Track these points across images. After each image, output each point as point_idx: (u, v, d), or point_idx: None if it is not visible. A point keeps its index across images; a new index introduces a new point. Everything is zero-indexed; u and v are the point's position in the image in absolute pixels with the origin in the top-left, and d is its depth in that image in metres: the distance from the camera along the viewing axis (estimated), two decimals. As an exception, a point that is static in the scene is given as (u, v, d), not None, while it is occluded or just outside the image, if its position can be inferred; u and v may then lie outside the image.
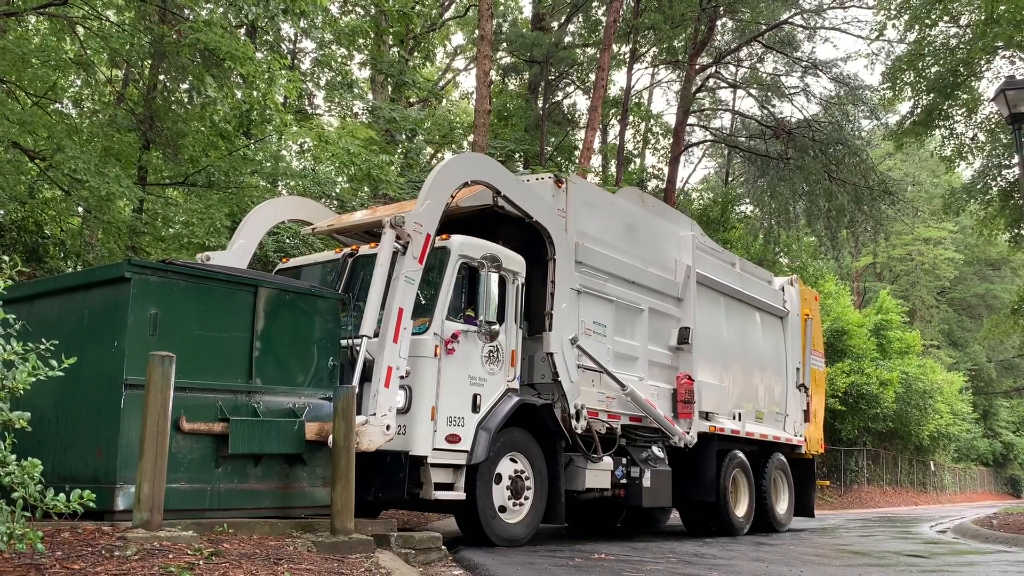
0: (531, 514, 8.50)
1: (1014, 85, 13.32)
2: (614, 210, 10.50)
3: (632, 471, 9.84)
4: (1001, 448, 55.80)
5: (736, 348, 12.31)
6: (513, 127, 24.47)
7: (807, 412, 13.86)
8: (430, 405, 7.65)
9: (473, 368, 8.10)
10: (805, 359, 13.96)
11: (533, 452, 8.56)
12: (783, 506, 13.15)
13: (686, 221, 12.30)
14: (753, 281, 13.20)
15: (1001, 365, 55.22)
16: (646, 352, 10.48)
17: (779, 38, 26.30)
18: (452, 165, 8.47)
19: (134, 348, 6.07)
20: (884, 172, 27.46)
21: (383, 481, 7.44)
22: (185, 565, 4.61)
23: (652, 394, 10.28)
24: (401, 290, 7.40)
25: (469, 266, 8.20)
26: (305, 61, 20.57)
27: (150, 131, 13.35)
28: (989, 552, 10.27)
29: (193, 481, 6.36)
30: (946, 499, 44.90)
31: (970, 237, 41.01)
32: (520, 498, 8.42)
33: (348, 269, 8.57)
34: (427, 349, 7.71)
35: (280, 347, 7.09)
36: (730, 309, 12.31)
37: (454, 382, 7.89)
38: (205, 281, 6.74)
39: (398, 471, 7.40)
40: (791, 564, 7.93)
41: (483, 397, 8.11)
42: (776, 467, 12.93)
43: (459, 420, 7.85)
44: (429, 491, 7.55)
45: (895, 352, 39.01)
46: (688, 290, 11.22)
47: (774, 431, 12.93)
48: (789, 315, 13.73)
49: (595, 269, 9.78)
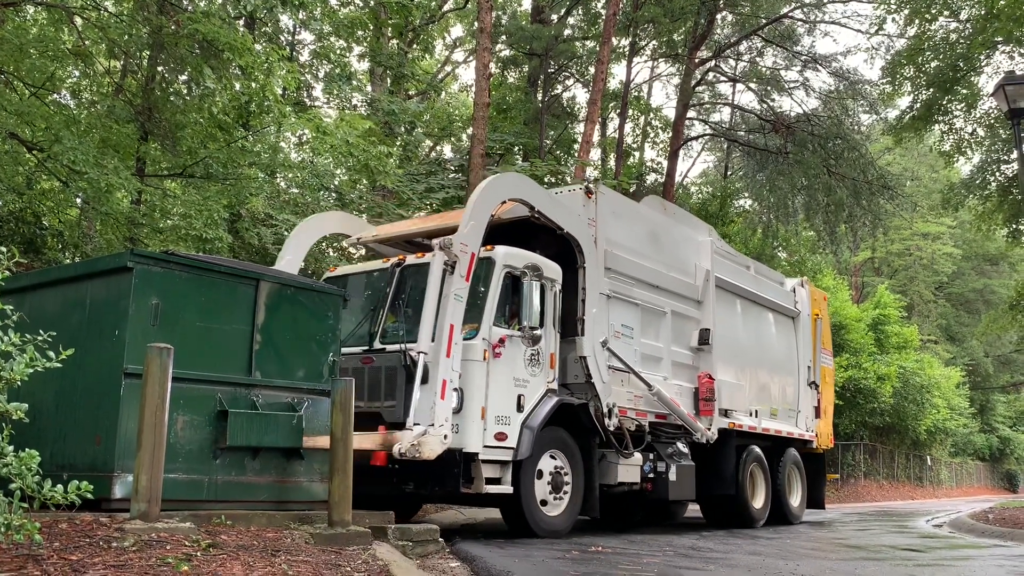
0: (570, 507, 9.00)
1: (1014, 80, 13.32)
2: (639, 218, 11.06)
3: (659, 466, 10.30)
4: (998, 443, 55.95)
5: (752, 348, 12.84)
6: (512, 120, 24.42)
7: (818, 408, 14.35)
8: (480, 406, 8.15)
9: (517, 370, 8.62)
10: (815, 357, 14.49)
11: (571, 449, 9.05)
12: (796, 499, 13.72)
13: (704, 227, 12.84)
14: (767, 283, 13.78)
15: (998, 360, 55.29)
16: (669, 353, 11.02)
17: (779, 32, 26.25)
18: (491, 186, 8.89)
19: (135, 338, 6.08)
20: (883, 167, 27.46)
21: (439, 477, 7.90)
22: (182, 556, 4.61)
23: (675, 393, 10.77)
24: (451, 307, 7.94)
25: (512, 275, 8.76)
26: (304, 53, 20.55)
27: (148, 122, 13.32)
28: (985, 546, 10.30)
29: (191, 472, 6.37)
30: (942, 494, 45.03)
31: (968, 232, 41.07)
32: (560, 492, 8.90)
33: (396, 278, 9.04)
34: (477, 354, 8.23)
35: (280, 341, 7.10)
36: (746, 311, 12.89)
37: (501, 384, 8.40)
38: (207, 273, 6.74)
39: (453, 467, 7.85)
40: (787, 558, 7.95)
41: (526, 397, 8.60)
42: (790, 461, 13.48)
43: (506, 419, 8.34)
44: (480, 485, 8.02)
45: (893, 347, 39.07)
46: (707, 293, 11.72)
47: (788, 427, 13.46)
48: (800, 315, 14.30)
49: (622, 275, 10.28)
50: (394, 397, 8.19)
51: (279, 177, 16.67)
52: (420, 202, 19.29)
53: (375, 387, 8.38)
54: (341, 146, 13.79)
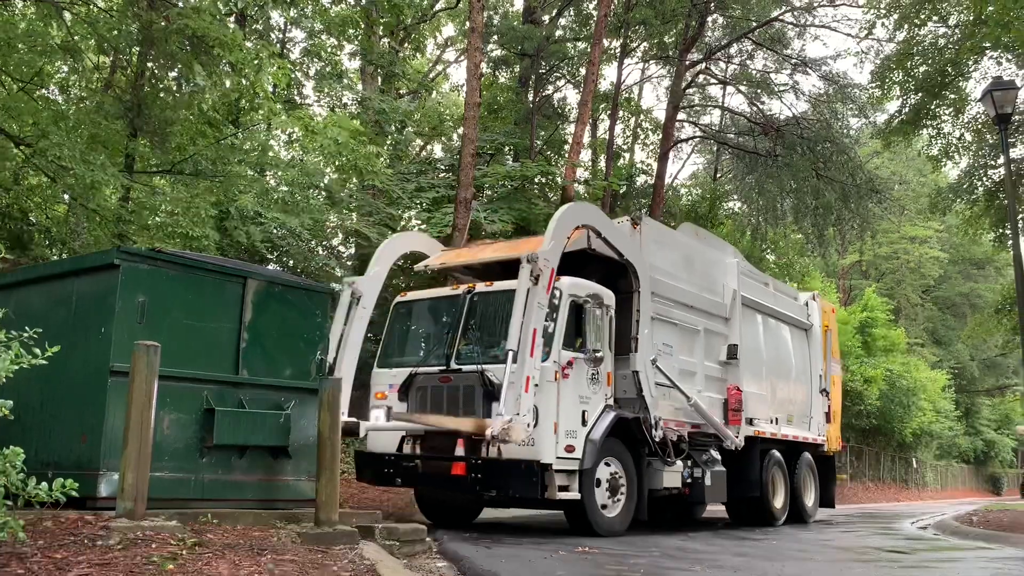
0: (624, 509, 9.80)
1: (1001, 86, 13.42)
2: (676, 245, 11.98)
3: (695, 472, 11.17)
4: (982, 446, 56.32)
5: (772, 360, 13.79)
6: (503, 120, 24.41)
7: (828, 414, 15.35)
8: (553, 421, 8.98)
9: (581, 389, 9.48)
10: (826, 366, 15.52)
11: (625, 458, 9.90)
12: (811, 499, 14.77)
13: (730, 248, 13.89)
14: (783, 299, 14.82)
15: (984, 364, 55.64)
16: (702, 367, 11.92)
17: (769, 35, 26.31)
18: (570, 211, 10.01)
19: (121, 335, 6.06)
20: (871, 170, 27.55)
21: (520, 484, 8.78)
22: (168, 555, 4.60)
23: (707, 404, 11.61)
24: (535, 314, 8.76)
25: (576, 303, 9.65)
26: (295, 50, 20.47)
27: (137, 119, 13.24)
28: (969, 548, 10.37)
29: (177, 471, 6.35)
30: (928, 496, 45.27)
31: (955, 236, 41.32)
32: (616, 496, 9.71)
33: (467, 304, 10.00)
34: (549, 375, 9.05)
35: (268, 339, 7.09)
36: (766, 325, 13.83)
37: (569, 401, 9.24)
38: (194, 270, 6.73)
39: (532, 476, 8.68)
40: (773, 559, 7.98)
41: (589, 413, 9.46)
42: (805, 464, 14.52)
43: (573, 433, 9.19)
44: (553, 492, 8.80)
45: (880, 350, 39.28)
46: (734, 311, 12.65)
47: (803, 432, 14.43)
48: (813, 327, 15.34)
49: (664, 298, 11.16)
50: (473, 412, 9.15)
51: (268, 175, 16.61)
52: (410, 201, 19.26)
53: (453, 403, 9.40)
54: (330, 145, 13.75)
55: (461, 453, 9.12)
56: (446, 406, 9.44)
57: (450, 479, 9.17)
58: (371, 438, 10.26)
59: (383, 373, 10.51)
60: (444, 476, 9.23)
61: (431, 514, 10.83)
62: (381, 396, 10.25)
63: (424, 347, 10.38)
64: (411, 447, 9.75)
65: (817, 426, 14.96)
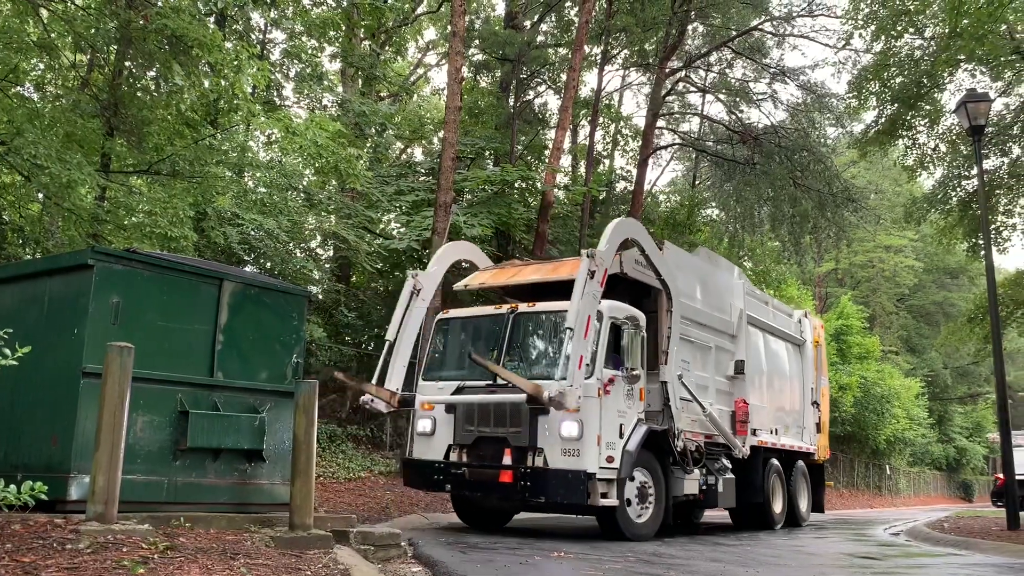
0: (653, 515, 10.52)
1: (975, 98, 13.60)
2: (693, 268, 12.81)
3: (709, 479, 11.98)
4: (954, 453, 56.91)
5: (772, 374, 14.79)
6: (484, 124, 24.43)
7: (818, 424, 16.54)
8: (596, 434, 9.61)
9: (620, 404, 10.16)
10: (817, 379, 16.62)
11: (653, 467, 10.62)
12: (804, 504, 15.86)
13: (735, 269, 14.81)
14: (780, 316, 15.79)
15: (956, 372, 56.27)
16: (713, 382, 12.85)
17: (749, 44, 26.51)
18: (623, 224, 10.90)
19: (94, 336, 6.00)
20: (848, 180, 27.80)
21: (567, 492, 9.45)
22: (139, 559, 4.55)
23: (717, 416, 12.43)
24: (589, 303, 9.57)
25: (615, 324, 10.41)
26: (275, 52, 20.35)
27: (114, 118, 13.12)
28: (940, 555, 10.48)
29: (150, 474, 6.29)
30: (900, 502, 45.69)
31: (930, 246, 41.79)
32: (646, 502, 10.45)
33: (511, 322, 10.64)
34: (593, 391, 9.72)
35: (244, 342, 7.04)
36: (767, 341, 14.77)
37: (609, 415, 9.90)
38: (170, 271, 6.68)
39: (579, 484, 9.34)
40: (747, 565, 8.03)
41: (625, 426, 10.14)
42: (799, 472, 15.59)
43: (612, 445, 9.84)
44: (596, 499, 9.41)
45: (854, 357, 39.62)
46: (741, 329, 13.67)
47: (797, 442, 15.46)
48: (805, 343, 16.41)
49: (684, 318, 11.87)
50: (519, 425, 9.87)
51: (247, 176, 16.50)
52: (390, 204, 19.21)
53: (500, 416, 10.05)
54: (310, 147, 13.69)
55: (508, 462, 9.83)
56: (493, 418, 10.11)
57: (498, 486, 9.83)
58: (418, 446, 10.92)
59: (429, 386, 11.08)
60: (492, 483, 9.90)
61: (466, 518, 11.57)
62: (428, 407, 10.81)
63: (469, 362, 10.73)
64: (457, 455, 10.36)
65: (809, 436, 16.00)
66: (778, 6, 25.87)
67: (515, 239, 21.86)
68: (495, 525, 11.51)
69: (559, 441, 9.62)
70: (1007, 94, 19.52)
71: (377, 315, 20.52)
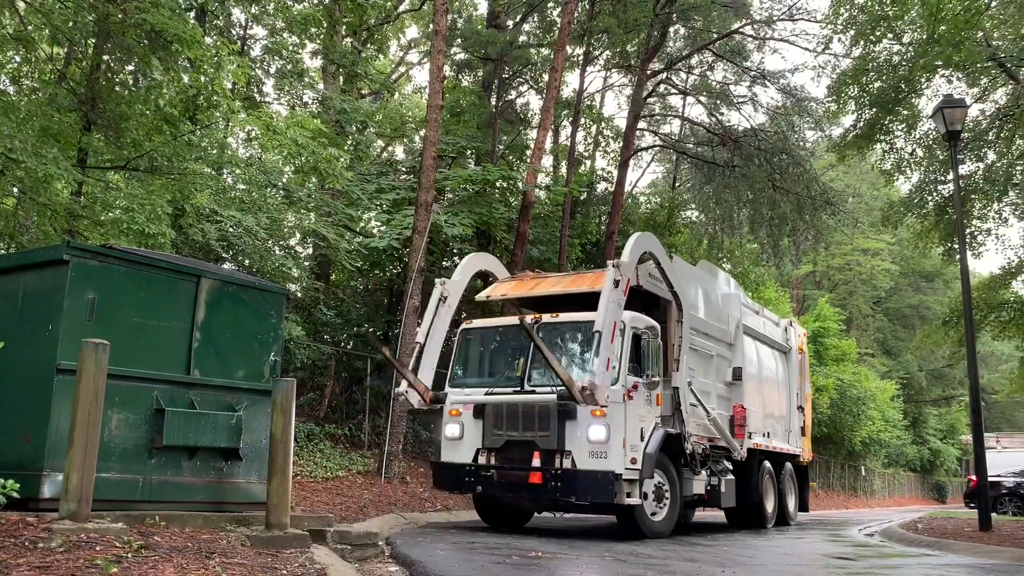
0: (668, 514, 11.18)
1: (951, 104, 13.75)
2: (696, 280, 13.50)
3: (713, 480, 12.64)
4: (929, 455, 57.54)
5: (764, 380, 15.57)
6: (466, 124, 24.38)
7: (803, 428, 17.44)
8: (622, 437, 10.25)
9: (641, 409, 10.80)
10: (801, 385, 17.61)
11: (668, 468, 11.28)
12: (792, 503, 16.70)
13: (732, 280, 15.56)
14: (770, 325, 16.65)
15: (931, 374, 56.90)
16: (714, 388, 13.56)
17: (729, 47, 26.64)
18: (643, 238, 11.55)
19: (69, 333, 5.94)
20: (826, 183, 28.00)
21: (595, 492, 10.10)
22: (112, 558, 4.51)
23: (719, 420, 13.07)
24: (614, 309, 10.32)
25: (636, 334, 11.08)
26: (255, 48, 20.22)
27: (92, 112, 12.97)
28: (913, 555, 10.59)
29: (125, 472, 6.24)
30: (875, 503, 46.13)
31: (906, 249, 42.16)
32: (662, 503, 11.12)
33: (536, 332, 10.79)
34: (619, 397, 10.40)
35: (221, 339, 6.99)
36: (759, 349, 15.56)
37: (632, 420, 10.52)
38: (147, 268, 6.62)
39: (607, 484, 10.00)
40: (724, 565, 8.07)
41: (645, 430, 10.75)
42: (788, 473, 16.43)
43: (635, 447, 10.44)
44: (622, 498, 10.10)
45: (831, 359, 39.97)
46: (738, 337, 14.48)
47: (785, 445, 16.27)
48: (791, 350, 17.30)
49: (690, 328, 12.53)
50: (547, 429, 10.50)
51: (226, 173, 16.38)
52: (370, 203, 19.14)
53: (529, 421, 10.69)
54: (290, 145, 13.61)
55: (537, 464, 10.47)
56: (521, 423, 10.75)
57: (528, 486, 10.49)
58: (446, 450, 11.56)
59: (456, 392, 11.65)
60: (521, 484, 10.54)
61: (488, 519, 12.19)
62: (455, 413, 11.46)
63: (496, 370, 11.67)
64: (485, 459, 11.03)
65: (795, 439, 16.88)
66: (759, 10, 26.03)
67: (496, 239, 21.85)
68: (515, 525, 12.18)
69: (587, 444, 10.26)
70: (983, 100, 19.78)
71: (356, 314, 20.45)
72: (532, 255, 21.06)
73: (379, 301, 22.35)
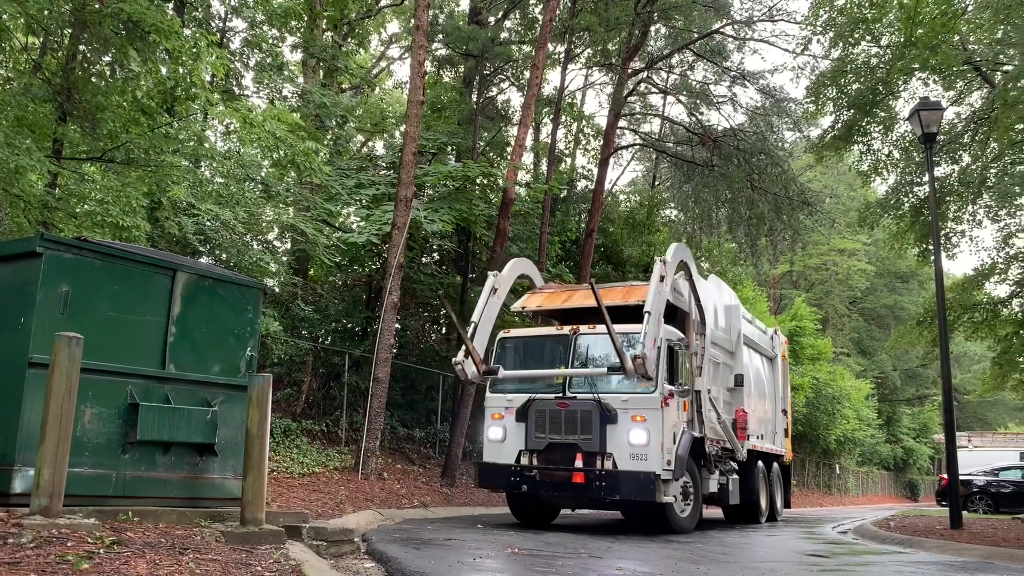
0: (692, 511, 12.17)
1: (928, 106, 13.90)
2: (707, 293, 14.35)
3: (722, 479, 13.53)
4: (902, 453, 58.22)
5: (758, 385, 16.61)
6: (446, 120, 24.32)
7: (786, 430, 18.62)
8: (660, 441, 11.21)
9: (674, 415, 11.75)
10: (785, 389, 18.76)
11: (692, 469, 12.23)
12: (779, 500, 17.98)
13: (734, 294, 16.72)
14: (761, 334, 17.73)
15: (905, 374, 57.55)
16: (721, 394, 14.42)
17: (710, 47, 26.77)
18: (681, 248, 12.83)
19: (42, 326, 5.87)
20: (804, 183, 28.21)
21: (638, 490, 11.08)
22: (84, 554, 4.47)
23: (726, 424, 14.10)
24: (659, 301, 11.56)
25: (671, 346, 12.01)
26: (235, 40, 20.04)
27: (67, 103, 12.79)
28: (886, 553, 10.71)
29: (97, 467, 6.18)
30: (849, 501, 46.60)
31: (882, 250, 42.57)
32: (687, 500, 12.08)
33: (575, 342, 12.20)
34: (656, 403, 11.38)
35: (197, 334, 6.94)
36: (752, 356, 16.51)
37: (668, 425, 11.45)
38: (121, 261, 6.55)
39: (649, 484, 11.03)
40: (699, 562, 8.12)
41: (676, 434, 11.72)
42: (776, 472, 17.68)
43: (669, 450, 11.40)
44: (660, 497, 11.10)
45: (807, 358, 40.32)
46: (738, 347, 15.49)
47: (773, 446, 17.35)
48: (777, 357, 18.36)
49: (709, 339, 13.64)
50: (590, 432, 11.42)
51: (203, 166, 16.22)
52: (349, 198, 19.05)
53: (571, 424, 11.58)
54: (268, 139, 13.50)
55: (580, 465, 11.35)
56: (564, 426, 11.63)
57: (571, 486, 11.39)
58: (489, 452, 12.40)
59: (497, 398, 12.51)
60: (565, 483, 11.44)
61: (520, 515, 13.05)
62: (498, 416, 12.36)
63: (536, 378, 12.40)
64: (528, 460, 11.88)
65: (780, 440, 17.99)
66: (739, 10, 26.18)
67: (476, 235, 21.83)
68: (545, 522, 13.15)
69: (628, 447, 11.21)
70: (959, 103, 20.00)
71: (335, 309, 20.36)
72: (512, 252, 21.04)
73: (358, 297, 22.27)
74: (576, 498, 12.14)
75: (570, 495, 11.73)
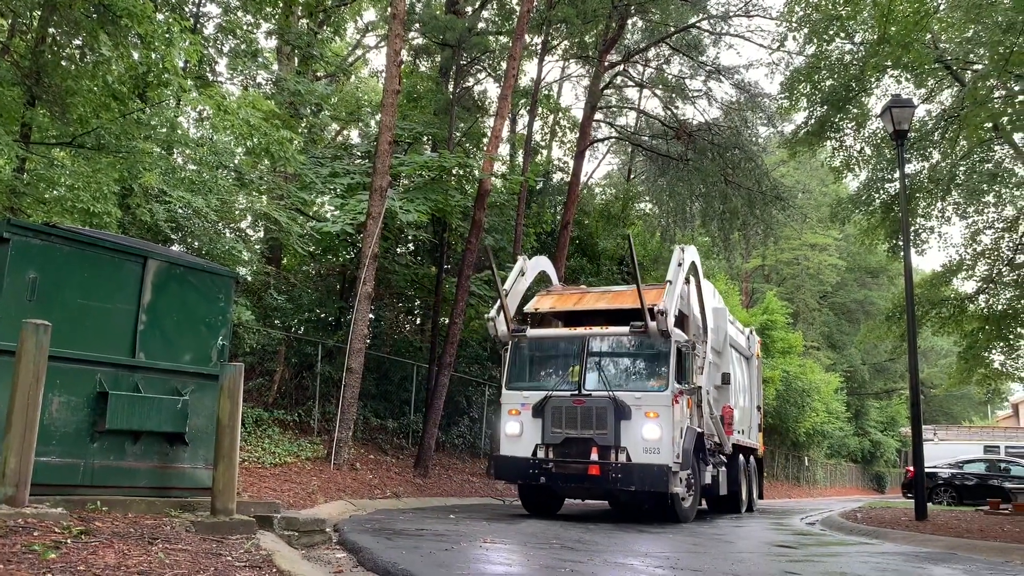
0: (693, 501, 12.99)
1: (899, 103, 14.06)
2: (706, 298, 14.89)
3: (713, 472, 14.29)
4: (869, 446, 59.07)
5: (739, 383, 17.52)
6: (422, 110, 24.21)
7: (760, 425, 19.74)
8: (671, 436, 12.03)
9: (682, 412, 12.52)
10: (759, 386, 19.91)
11: (694, 462, 12.87)
12: (756, 492, 19.22)
13: (720, 297, 17.64)
14: (740, 334, 18.68)
15: (874, 368, 58.33)
16: (711, 391, 14.86)
17: (686, 41, 26.86)
18: (691, 250, 13.93)
19: (8, 313, 5.79)
20: (777, 178, 28.47)
21: (652, 482, 11.86)
22: (51, 544, 4.42)
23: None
24: (677, 293, 12.78)
25: (679, 348, 12.77)
26: (208, 26, 19.80)
27: (36, 87, 12.58)
28: (852, 544, 10.86)
29: (66, 456, 6.11)
30: (817, 493, 47.19)
31: (853, 245, 43.07)
32: (690, 491, 12.82)
33: (589, 342, 13.00)
34: (667, 401, 12.21)
35: (168, 322, 6.87)
36: (734, 356, 17.31)
37: (677, 422, 12.22)
38: (91, 248, 6.47)
39: (662, 476, 11.85)
40: (668, 554, 8.19)
41: (684, 430, 12.50)
42: (753, 465, 18.76)
43: (678, 444, 12.19)
44: (672, 488, 11.93)
45: (778, 351, 40.73)
46: (725, 346, 16.37)
47: (750, 440, 18.40)
48: (753, 356, 19.44)
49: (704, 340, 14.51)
50: (605, 427, 12.18)
51: (176, 153, 16.04)
52: (323, 187, 18.92)
53: (587, 420, 12.32)
54: (241, 126, 13.36)
55: (596, 458, 12.04)
56: (580, 422, 12.33)
57: (587, 478, 12.08)
58: (506, 445, 13.02)
59: (514, 395, 13.17)
60: (581, 475, 12.12)
61: (529, 506, 13.82)
62: (514, 412, 13.01)
63: (552, 375, 13.15)
64: (544, 453, 12.53)
65: (755, 435, 19.02)
66: (716, 5, 26.27)
67: (451, 226, 21.78)
68: (550, 512, 13.81)
69: (641, 441, 11.99)
70: (930, 101, 20.25)
71: (308, 299, 20.24)
72: (487, 243, 21.03)
73: (331, 286, 22.15)
74: (591, 489, 12.78)
75: (586, 486, 12.43)
